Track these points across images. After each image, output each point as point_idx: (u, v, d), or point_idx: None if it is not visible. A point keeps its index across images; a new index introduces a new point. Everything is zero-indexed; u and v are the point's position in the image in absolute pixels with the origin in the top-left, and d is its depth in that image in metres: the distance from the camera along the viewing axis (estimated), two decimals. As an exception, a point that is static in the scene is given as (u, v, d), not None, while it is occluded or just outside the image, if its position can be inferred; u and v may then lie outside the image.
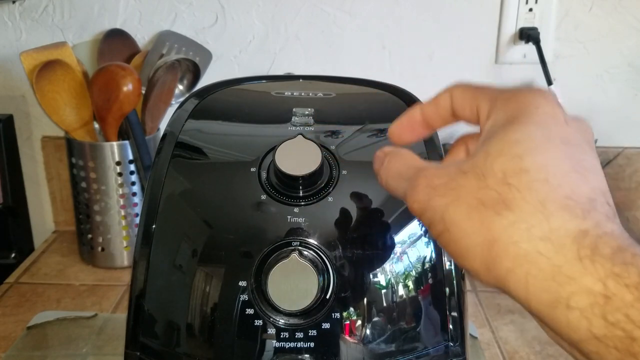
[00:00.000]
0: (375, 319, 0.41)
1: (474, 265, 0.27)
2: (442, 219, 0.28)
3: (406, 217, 0.42)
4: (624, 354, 0.23)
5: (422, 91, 0.51)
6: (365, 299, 0.41)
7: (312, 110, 0.47)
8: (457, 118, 0.33)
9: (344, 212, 0.41)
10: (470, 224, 0.27)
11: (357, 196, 0.42)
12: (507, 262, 0.25)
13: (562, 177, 0.26)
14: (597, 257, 0.24)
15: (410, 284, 0.41)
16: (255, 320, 0.40)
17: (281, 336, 0.40)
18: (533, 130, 0.28)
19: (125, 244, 0.88)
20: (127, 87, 0.80)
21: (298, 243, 0.40)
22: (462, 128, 0.34)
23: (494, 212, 0.26)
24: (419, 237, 0.42)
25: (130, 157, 0.85)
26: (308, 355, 0.40)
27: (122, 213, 0.86)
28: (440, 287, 0.42)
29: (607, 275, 0.23)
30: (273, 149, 0.41)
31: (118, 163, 0.84)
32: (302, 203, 0.41)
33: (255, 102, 0.51)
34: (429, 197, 0.29)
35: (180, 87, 0.92)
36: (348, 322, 0.40)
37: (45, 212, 1.02)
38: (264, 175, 0.42)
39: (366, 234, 0.41)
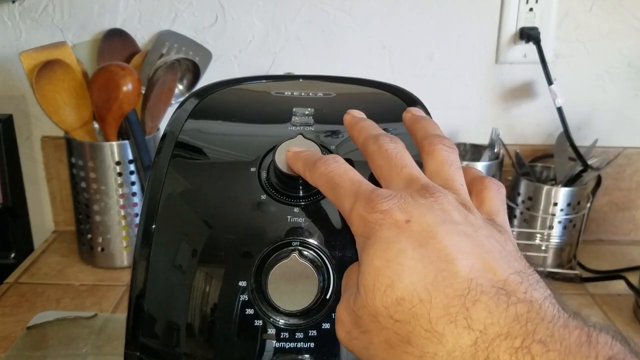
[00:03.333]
0: (376, 319, 0.41)
1: None
2: None
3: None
4: None
5: (422, 91, 0.51)
6: (365, 299, 0.41)
7: (312, 110, 0.47)
8: None
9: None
10: None
11: None
12: None
13: (432, 288, 0.27)
14: None
15: (411, 284, 0.41)
16: (255, 321, 0.39)
17: (281, 336, 0.40)
18: (387, 250, 0.29)
19: (125, 244, 0.88)
20: (127, 86, 0.80)
21: (298, 243, 0.40)
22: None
23: (402, 351, 0.27)
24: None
25: (130, 157, 0.85)
26: (308, 356, 0.40)
27: (122, 213, 0.86)
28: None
29: None
30: (273, 148, 0.41)
31: (118, 163, 0.84)
32: (302, 203, 0.41)
33: (255, 102, 0.51)
34: (349, 337, 0.31)
35: (180, 87, 0.92)
36: (348, 322, 0.40)
37: (45, 212, 1.02)
38: (264, 175, 0.42)
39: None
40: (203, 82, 0.91)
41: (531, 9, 0.93)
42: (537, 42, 0.90)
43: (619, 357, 0.24)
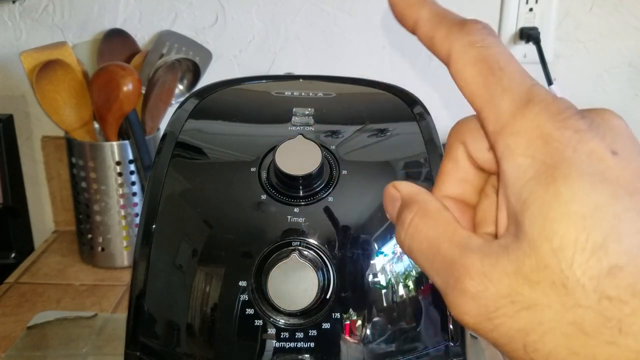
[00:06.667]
0: (376, 318, 0.41)
1: None
2: (526, 350, 0.20)
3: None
4: None
5: (422, 91, 0.51)
6: (365, 299, 0.41)
7: (312, 110, 0.47)
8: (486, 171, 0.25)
9: (344, 212, 0.41)
10: None
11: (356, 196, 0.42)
12: None
13: None
14: None
15: (411, 284, 0.41)
16: (255, 320, 0.40)
17: (281, 336, 0.40)
18: (594, 193, 0.19)
19: (125, 244, 0.88)
20: (127, 86, 0.80)
21: (298, 243, 0.40)
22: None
23: (604, 341, 0.19)
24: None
25: (130, 157, 0.85)
26: (308, 355, 0.40)
27: (122, 213, 0.86)
28: (441, 287, 0.42)
29: None
30: (273, 149, 0.41)
31: (118, 163, 0.84)
32: (302, 203, 0.41)
33: (255, 102, 0.51)
34: (488, 315, 0.20)
35: (180, 87, 0.92)
36: (348, 322, 0.40)
37: (45, 212, 1.02)
38: (264, 175, 0.42)
39: (366, 233, 0.41)
40: (203, 82, 0.91)
41: (531, 9, 0.93)
42: (537, 42, 0.90)
43: None
